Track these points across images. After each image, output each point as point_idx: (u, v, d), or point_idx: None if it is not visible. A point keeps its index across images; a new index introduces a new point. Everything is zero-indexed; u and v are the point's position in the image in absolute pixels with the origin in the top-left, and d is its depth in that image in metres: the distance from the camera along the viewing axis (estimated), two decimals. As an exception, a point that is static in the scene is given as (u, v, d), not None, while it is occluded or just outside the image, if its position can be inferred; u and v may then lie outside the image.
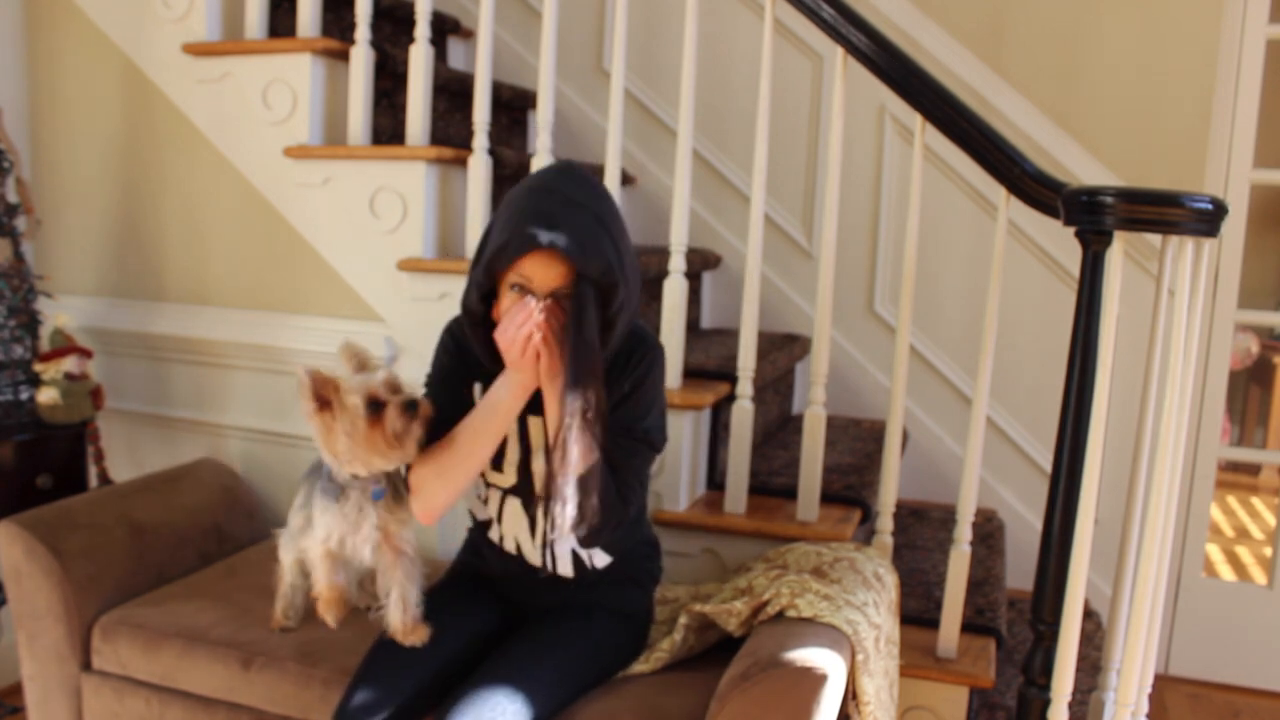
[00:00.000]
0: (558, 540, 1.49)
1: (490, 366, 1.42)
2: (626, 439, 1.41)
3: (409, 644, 1.46)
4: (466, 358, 1.48)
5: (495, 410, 1.39)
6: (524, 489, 1.51)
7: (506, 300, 1.35)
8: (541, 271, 1.31)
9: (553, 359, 1.32)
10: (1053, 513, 1.50)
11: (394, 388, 1.43)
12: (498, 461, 1.51)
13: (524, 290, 1.33)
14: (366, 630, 1.55)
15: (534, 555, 1.53)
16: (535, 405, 1.43)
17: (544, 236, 1.26)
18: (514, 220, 1.30)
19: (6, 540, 1.69)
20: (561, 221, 1.28)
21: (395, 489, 1.49)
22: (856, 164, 2.60)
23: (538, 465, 1.48)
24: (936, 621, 1.79)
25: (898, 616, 1.68)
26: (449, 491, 1.42)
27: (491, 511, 1.55)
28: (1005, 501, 2.56)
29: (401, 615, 1.48)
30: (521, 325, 1.29)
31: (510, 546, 1.54)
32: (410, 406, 1.41)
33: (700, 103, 2.65)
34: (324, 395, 1.42)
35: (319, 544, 1.52)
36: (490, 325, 1.40)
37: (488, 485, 1.54)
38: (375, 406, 1.41)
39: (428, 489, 1.42)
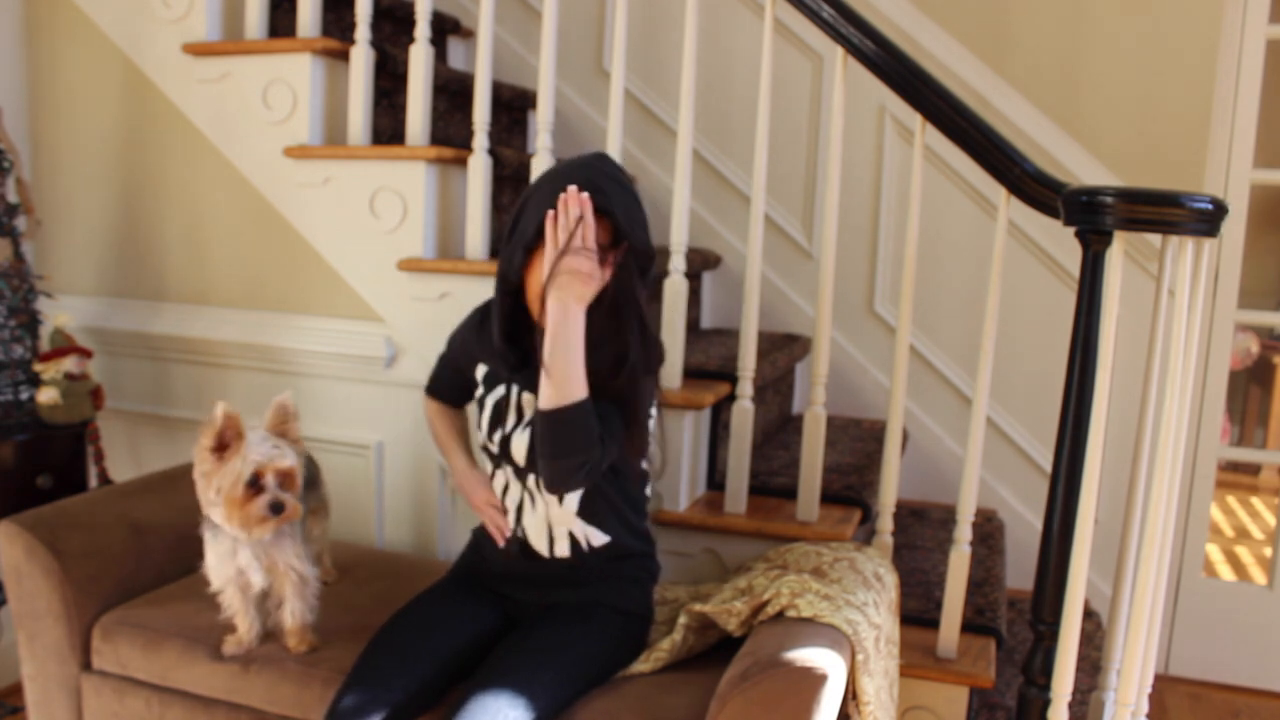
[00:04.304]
0: (543, 494, 1.52)
1: (506, 341, 1.47)
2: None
3: (296, 652, 1.58)
4: (487, 334, 1.54)
5: (563, 325, 1.38)
6: (506, 458, 1.55)
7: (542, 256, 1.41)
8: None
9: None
10: (1053, 513, 1.50)
11: (284, 477, 1.49)
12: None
13: None
14: (367, 630, 1.55)
15: (534, 531, 1.55)
16: (531, 384, 1.47)
17: (596, 198, 1.37)
18: (562, 185, 1.37)
19: (6, 540, 1.69)
20: (608, 191, 1.39)
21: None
22: (856, 164, 2.60)
23: (517, 442, 1.51)
24: (936, 621, 1.79)
25: (898, 616, 1.68)
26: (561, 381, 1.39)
27: (498, 485, 1.59)
28: (1005, 501, 2.56)
29: (289, 624, 1.59)
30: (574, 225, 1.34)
31: (510, 520, 1.58)
32: (276, 508, 1.48)
33: (700, 103, 2.65)
34: (225, 442, 1.48)
35: (214, 576, 1.58)
36: (520, 300, 1.47)
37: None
38: (254, 483, 1.47)
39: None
